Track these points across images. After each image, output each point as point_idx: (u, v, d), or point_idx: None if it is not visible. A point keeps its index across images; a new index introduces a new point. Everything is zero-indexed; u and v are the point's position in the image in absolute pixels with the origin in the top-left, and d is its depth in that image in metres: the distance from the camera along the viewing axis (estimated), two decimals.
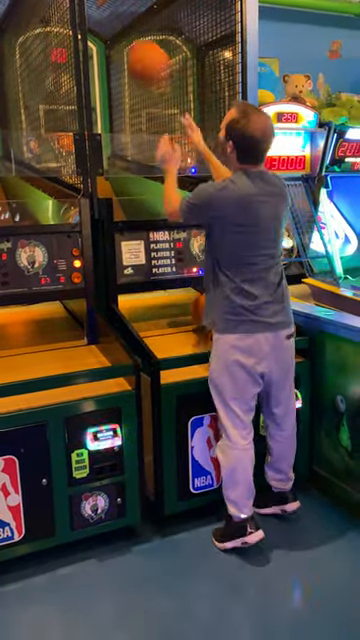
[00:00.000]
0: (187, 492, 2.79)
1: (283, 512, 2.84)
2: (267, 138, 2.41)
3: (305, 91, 4.86)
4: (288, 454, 2.79)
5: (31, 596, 2.43)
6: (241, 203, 2.41)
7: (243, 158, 2.43)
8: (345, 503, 2.92)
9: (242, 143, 2.39)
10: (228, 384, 2.51)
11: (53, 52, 3.21)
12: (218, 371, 2.54)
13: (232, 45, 3.22)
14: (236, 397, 2.52)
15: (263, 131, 2.38)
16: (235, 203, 2.41)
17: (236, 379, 2.50)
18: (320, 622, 2.28)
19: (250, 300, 2.45)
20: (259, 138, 2.38)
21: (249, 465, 2.59)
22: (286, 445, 2.77)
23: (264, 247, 2.47)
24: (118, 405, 2.55)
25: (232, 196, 2.41)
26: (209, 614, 2.34)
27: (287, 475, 2.81)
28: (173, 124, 3.81)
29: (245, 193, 2.41)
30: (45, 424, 2.42)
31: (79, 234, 2.88)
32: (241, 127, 2.37)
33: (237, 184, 2.42)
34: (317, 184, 4.97)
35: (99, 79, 4.30)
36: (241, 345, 2.46)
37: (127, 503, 2.64)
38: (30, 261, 2.78)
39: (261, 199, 2.43)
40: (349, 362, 2.83)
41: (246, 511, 2.60)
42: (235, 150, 2.42)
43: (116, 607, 2.37)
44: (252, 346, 2.46)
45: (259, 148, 2.42)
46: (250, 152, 2.42)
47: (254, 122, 2.36)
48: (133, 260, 3.07)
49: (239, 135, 2.38)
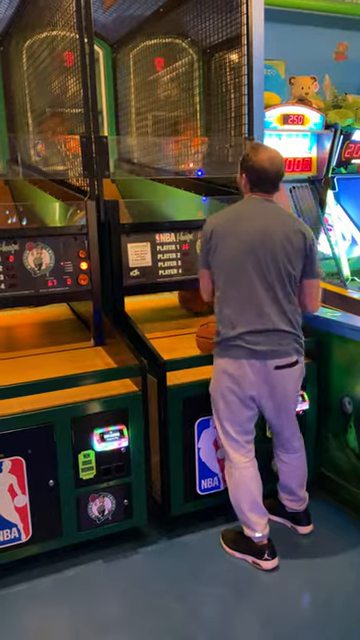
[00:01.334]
0: (194, 493, 2.79)
1: (294, 530, 2.82)
2: (274, 166, 2.49)
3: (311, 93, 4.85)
4: (297, 475, 2.75)
5: (38, 597, 2.43)
6: (230, 219, 2.52)
7: (252, 187, 2.55)
8: (353, 505, 2.91)
9: (251, 173, 2.51)
10: (222, 407, 2.54)
11: (60, 56, 3.23)
12: (213, 392, 2.58)
13: (238, 47, 3.23)
14: (229, 418, 2.54)
15: (270, 161, 2.48)
16: (224, 220, 2.53)
17: (228, 402, 2.52)
18: (327, 626, 2.27)
19: (234, 327, 2.44)
20: (266, 166, 2.47)
21: (252, 483, 2.57)
22: (293, 467, 2.74)
23: (255, 273, 2.41)
24: (125, 406, 2.56)
25: (223, 215, 2.56)
26: (215, 616, 2.34)
27: (298, 496, 2.78)
28: (179, 126, 3.83)
29: (237, 211, 2.55)
30: (52, 425, 2.43)
31: (86, 236, 2.89)
32: (250, 158, 2.51)
33: (235, 205, 2.58)
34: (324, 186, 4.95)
35: (105, 82, 4.32)
36: (229, 369, 2.48)
37: (134, 504, 2.64)
38: (37, 263, 2.79)
39: (253, 218, 2.48)
40: (356, 364, 2.82)
41: (259, 530, 2.57)
42: (246, 181, 2.54)
43: (122, 608, 2.37)
44: (238, 371, 2.46)
45: (267, 176, 2.49)
46: (258, 180, 2.51)
47: (262, 153, 2.50)
48: (139, 262, 3.08)
49: (248, 166, 2.51)
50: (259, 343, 2.43)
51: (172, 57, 3.88)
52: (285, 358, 2.48)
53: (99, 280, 2.95)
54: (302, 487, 2.78)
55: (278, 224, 2.48)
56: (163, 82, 3.98)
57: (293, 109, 4.57)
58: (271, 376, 2.47)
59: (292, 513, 2.81)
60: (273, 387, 2.50)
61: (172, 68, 3.89)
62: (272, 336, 2.45)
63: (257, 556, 2.57)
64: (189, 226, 3.17)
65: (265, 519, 2.60)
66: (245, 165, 2.53)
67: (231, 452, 2.56)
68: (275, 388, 2.50)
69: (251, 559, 2.59)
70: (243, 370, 2.45)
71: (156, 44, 3.96)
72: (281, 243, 2.43)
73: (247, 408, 2.53)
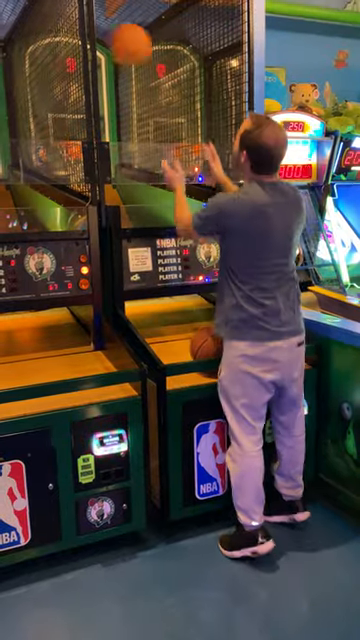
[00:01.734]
0: (192, 498, 2.79)
1: (292, 521, 2.83)
2: (280, 148, 2.42)
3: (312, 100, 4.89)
4: (298, 460, 2.78)
5: (37, 600, 2.43)
6: (253, 212, 2.42)
7: (256, 168, 2.45)
8: (351, 511, 2.91)
9: (255, 153, 2.41)
10: (238, 391, 2.52)
11: (62, 62, 3.25)
12: (228, 379, 2.55)
13: (239, 55, 3.25)
14: (246, 404, 2.53)
15: (276, 140, 2.39)
16: (247, 212, 2.42)
17: (246, 386, 2.50)
18: (325, 630, 2.28)
19: (260, 308, 2.45)
20: (272, 147, 2.38)
21: (259, 472, 2.60)
22: (295, 450, 2.76)
23: (276, 256, 2.48)
24: (124, 411, 2.56)
25: (244, 205, 2.43)
26: (214, 620, 2.34)
27: (297, 482, 2.80)
28: (180, 133, 3.85)
29: (257, 202, 2.43)
30: (51, 429, 2.43)
31: (87, 241, 2.91)
32: (254, 137, 2.38)
33: (249, 194, 2.45)
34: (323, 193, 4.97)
35: (107, 88, 4.35)
36: (251, 353, 2.47)
37: (133, 509, 2.64)
38: (38, 267, 2.81)
39: (274, 209, 2.44)
40: (355, 369, 2.83)
41: (257, 519, 2.60)
42: (248, 160, 2.44)
43: (121, 612, 2.37)
44: (262, 354, 2.47)
45: (272, 157, 2.42)
46: (263, 162, 2.43)
47: (267, 132, 2.38)
48: (140, 267, 3.09)
49: (252, 145, 2.40)
50: (282, 323, 2.47)
51: (174, 64, 3.90)
52: (302, 335, 2.59)
53: (100, 285, 2.97)
54: (301, 472, 2.80)
55: (295, 214, 2.52)
56: (164, 89, 4.00)
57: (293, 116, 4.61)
58: (293, 354, 2.53)
59: (289, 502, 2.82)
60: (292, 365, 2.55)
61: (173, 75, 3.91)
62: (291, 314, 2.51)
63: (252, 544, 2.58)
64: None
65: (262, 508, 2.63)
66: (247, 142, 2.40)
67: (244, 439, 2.55)
68: (296, 365, 2.58)
69: (250, 551, 2.59)
70: (268, 353, 2.47)
71: (158, 51, 3.98)
72: (296, 229, 2.53)
73: (267, 391, 2.54)
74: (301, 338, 2.59)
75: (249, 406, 2.54)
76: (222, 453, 2.79)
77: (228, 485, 2.79)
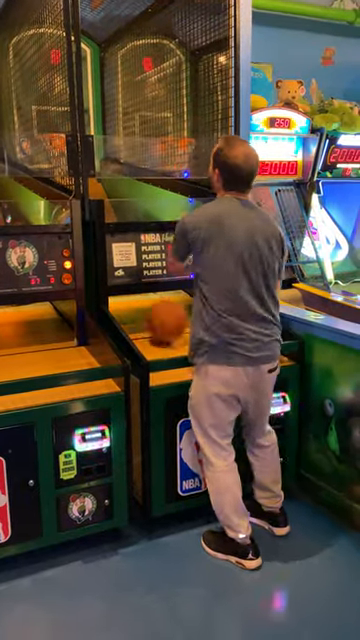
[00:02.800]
0: (175, 494, 2.79)
1: (271, 531, 2.83)
2: (250, 165, 2.43)
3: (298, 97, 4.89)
4: (270, 470, 2.76)
5: (17, 597, 2.41)
6: (212, 218, 2.41)
7: (227, 185, 2.47)
8: (333, 507, 2.92)
9: (225, 170, 2.44)
10: (206, 413, 2.52)
11: (46, 53, 3.21)
12: (197, 400, 2.54)
13: (225, 50, 3.23)
14: (214, 424, 2.53)
15: (245, 158, 2.41)
16: (205, 220, 2.41)
17: (214, 409, 2.50)
18: (306, 626, 2.28)
19: (230, 332, 2.41)
20: (242, 163, 2.40)
21: (234, 485, 2.58)
22: (265, 461, 2.75)
23: (245, 276, 2.40)
24: (107, 407, 2.55)
25: (203, 215, 2.45)
26: (195, 617, 2.34)
27: (274, 492, 2.79)
28: (166, 127, 3.83)
29: (217, 211, 2.44)
30: (33, 425, 2.41)
31: (70, 235, 2.88)
32: (224, 154, 2.42)
33: (212, 205, 2.49)
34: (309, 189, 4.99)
35: (92, 82, 4.30)
36: (220, 376, 2.45)
37: (114, 505, 2.63)
38: (20, 261, 2.77)
39: (236, 217, 2.41)
40: (338, 366, 2.84)
41: (243, 531, 2.58)
42: (220, 178, 2.47)
43: (102, 609, 2.36)
44: (231, 378, 2.45)
45: (242, 175, 2.43)
46: (233, 179, 2.45)
47: (236, 149, 2.42)
48: (124, 262, 3.07)
49: (222, 162, 2.43)
50: (254, 349, 2.43)
51: (160, 58, 3.87)
52: (274, 362, 2.54)
53: (83, 280, 2.94)
54: (277, 483, 2.79)
55: (260, 226, 2.46)
56: (150, 82, 3.97)
57: (280, 112, 4.61)
58: (262, 380, 2.51)
59: (269, 512, 2.82)
60: (262, 390, 2.54)
61: (160, 69, 3.88)
62: (264, 341, 2.46)
63: (241, 556, 2.58)
64: (173, 227, 3.15)
65: (247, 519, 2.61)
66: (218, 160, 2.44)
67: (213, 457, 2.56)
68: (263, 390, 2.56)
69: (235, 559, 2.60)
70: (238, 376, 2.44)
71: (144, 44, 3.96)
72: (266, 246, 2.44)
73: (233, 411, 2.54)
74: (274, 365, 2.54)
75: (217, 426, 2.53)
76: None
77: None
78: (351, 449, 2.78)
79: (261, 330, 2.45)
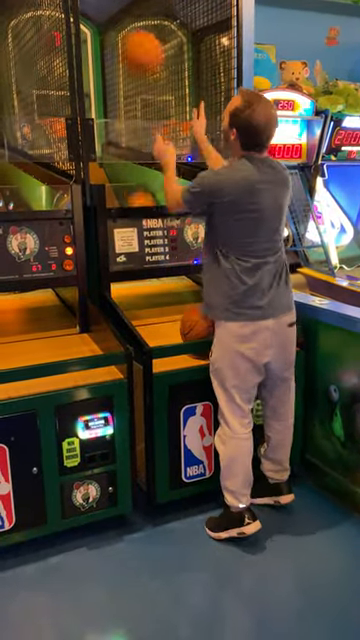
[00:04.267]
0: (179, 481, 2.78)
1: (277, 503, 2.83)
2: (271, 126, 2.40)
3: (302, 78, 4.79)
4: (285, 444, 2.78)
5: (22, 584, 2.42)
6: (242, 188, 2.38)
7: (246, 146, 2.42)
8: (338, 493, 2.92)
9: (245, 132, 2.38)
10: (230, 373, 2.50)
11: (46, 36, 3.16)
12: (220, 360, 2.52)
13: (228, 30, 3.18)
14: (238, 386, 2.51)
15: (267, 119, 2.37)
16: (236, 187, 2.38)
17: (238, 368, 2.48)
18: (312, 610, 2.28)
19: (251, 287, 2.42)
20: (263, 127, 2.36)
21: (248, 454, 2.59)
22: (283, 435, 2.76)
23: (266, 234, 2.44)
24: (110, 394, 2.53)
25: (233, 180, 2.39)
26: (201, 602, 2.34)
27: (283, 466, 2.80)
28: (168, 110, 3.77)
29: (247, 178, 2.38)
30: (35, 412, 2.40)
31: (71, 221, 2.85)
32: (245, 116, 2.34)
33: (239, 169, 2.41)
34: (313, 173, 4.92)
35: (93, 65, 4.24)
36: (243, 333, 2.44)
37: (119, 492, 2.63)
38: (21, 248, 2.75)
39: (264, 185, 2.40)
40: (343, 352, 2.81)
41: (244, 500, 2.59)
42: (238, 138, 2.41)
43: (107, 595, 2.36)
44: (254, 334, 2.44)
45: (263, 136, 2.40)
46: (254, 140, 2.40)
47: (259, 111, 2.34)
48: (126, 248, 3.04)
49: (243, 124, 2.36)
50: (272, 301, 2.45)
51: (161, 39, 3.80)
52: (292, 313, 2.57)
53: (84, 266, 2.91)
54: (287, 457, 2.81)
55: (280, 185, 2.48)
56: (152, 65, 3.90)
57: (283, 94, 4.53)
58: (284, 333, 2.52)
59: (275, 485, 2.82)
60: (285, 346, 2.55)
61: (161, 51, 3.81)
62: (281, 293, 2.49)
63: (239, 524, 2.58)
64: None
65: (249, 490, 2.63)
66: (237, 121, 2.36)
67: (234, 421, 2.54)
68: (286, 346, 2.57)
69: (235, 531, 2.59)
70: (260, 331, 2.44)
71: (145, 26, 3.89)
72: (284, 202, 2.50)
73: (258, 373, 2.53)
74: (292, 318, 2.58)
75: (240, 388, 2.52)
76: (209, 435, 2.77)
77: (215, 467, 2.78)
78: (356, 435, 2.77)
79: (278, 282, 2.49)
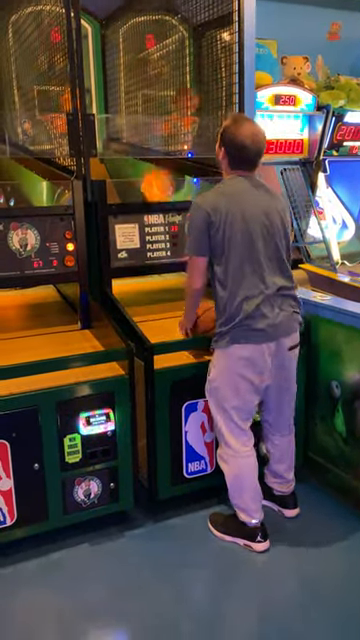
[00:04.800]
0: (181, 477, 2.78)
1: (280, 513, 2.82)
2: (256, 145, 2.40)
3: (303, 73, 4.78)
4: (285, 458, 2.76)
5: (23, 580, 2.42)
6: (229, 201, 2.38)
7: (233, 164, 2.45)
8: (340, 489, 2.91)
9: (232, 148, 2.41)
10: (230, 394, 2.48)
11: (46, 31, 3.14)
12: (219, 381, 2.50)
13: (229, 25, 3.16)
14: (237, 407, 2.50)
15: (252, 137, 2.38)
16: (224, 201, 2.38)
17: (238, 390, 2.47)
18: (314, 606, 2.28)
19: (248, 310, 2.38)
20: (249, 142, 2.38)
21: (253, 471, 2.57)
22: (285, 449, 2.74)
23: (261, 253, 2.39)
24: (111, 390, 2.53)
25: (218, 196, 2.41)
26: (202, 598, 2.35)
27: (286, 479, 2.79)
28: (169, 105, 3.76)
29: (231, 191, 2.41)
30: (37, 408, 2.40)
31: (72, 217, 2.84)
32: (231, 133, 2.40)
33: (221, 186, 2.45)
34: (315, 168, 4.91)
35: (94, 60, 4.23)
36: (242, 355, 2.42)
37: (120, 488, 2.63)
38: (22, 244, 2.74)
39: (250, 198, 2.41)
40: (344, 347, 2.80)
41: (257, 516, 2.58)
42: (226, 156, 2.44)
43: (108, 591, 2.36)
44: (253, 356, 2.42)
45: (248, 154, 2.41)
46: (240, 158, 2.42)
47: (243, 128, 2.40)
48: (127, 244, 3.04)
49: (229, 140, 2.41)
50: (275, 324, 2.42)
51: (162, 34, 3.80)
52: (294, 335, 2.53)
53: (86, 262, 2.91)
54: (291, 470, 2.79)
55: (272, 202, 2.47)
56: (153, 60, 3.90)
57: (285, 89, 4.52)
58: (284, 357, 2.49)
59: (279, 496, 2.82)
60: (284, 368, 2.52)
61: (162, 46, 3.81)
62: (284, 316, 2.45)
63: (249, 539, 2.57)
64: (178, 207, 3.13)
65: (261, 504, 2.61)
66: (224, 139, 2.42)
67: (234, 441, 2.53)
68: (285, 369, 2.54)
69: (242, 542, 2.59)
70: (260, 354, 2.42)
71: (146, 21, 3.88)
72: (278, 221, 2.46)
73: (257, 394, 2.52)
74: (294, 341, 2.53)
75: (240, 408, 2.50)
76: (210, 432, 2.77)
77: (217, 463, 2.78)
78: (357, 431, 2.76)
79: (278, 304, 2.45)
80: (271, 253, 2.43)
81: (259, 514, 2.58)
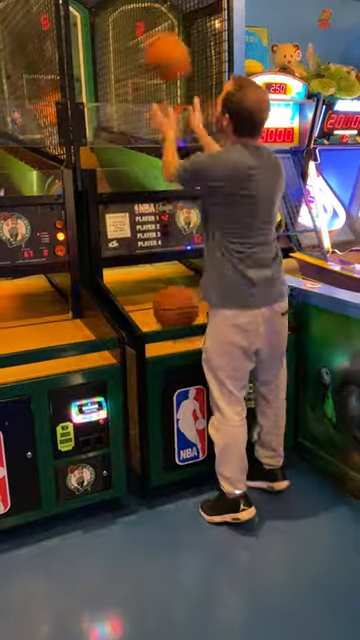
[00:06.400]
0: (173, 464, 2.80)
1: (271, 489, 2.85)
2: (263, 111, 2.38)
3: (294, 61, 4.76)
4: (278, 430, 2.79)
5: (18, 567, 2.44)
6: (237, 173, 2.36)
7: (239, 131, 2.41)
8: (330, 474, 2.95)
9: (238, 116, 2.37)
10: (224, 362, 2.50)
11: (34, 19, 3.12)
12: (214, 350, 2.52)
13: (219, 13, 3.15)
14: (231, 375, 2.52)
15: (259, 104, 2.35)
16: (231, 173, 2.36)
17: (232, 358, 2.49)
18: (306, 590, 2.32)
19: (246, 274, 2.41)
20: (255, 111, 2.35)
21: (242, 441, 2.60)
22: (275, 422, 2.77)
23: (260, 221, 2.44)
24: (103, 378, 2.54)
25: (229, 167, 2.37)
26: (195, 583, 2.38)
27: (277, 452, 2.82)
28: (159, 94, 3.75)
29: (239, 162, 2.37)
30: (29, 397, 2.41)
31: (62, 206, 2.84)
32: (237, 100, 2.34)
33: (234, 155, 2.40)
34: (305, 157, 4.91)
35: (83, 48, 4.20)
36: (237, 322, 2.44)
37: (113, 475, 2.65)
38: (13, 234, 2.74)
39: (257, 171, 2.39)
40: (334, 334, 2.83)
41: (240, 487, 2.61)
42: (231, 123, 2.40)
43: (102, 578, 2.39)
44: (248, 322, 2.44)
45: (255, 121, 2.38)
46: (246, 125, 2.39)
47: (250, 95, 2.33)
48: (118, 233, 3.04)
49: (235, 108, 2.35)
50: (268, 289, 2.46)
51: (152, 22, 3.77)
52: (284, 301, 2.57)
53: (76, 251, 2.91)
54: (281, 444, 2.83)
55: (274, 172, 2.49)
56: (143, 48, 3.87)
57: (275, 78, 4.51)
58: (277, 321, 2.53)
59: (269, 471, 2.85)
60: (277, 334, 2.55)
61: (151, 34, 3.78)
62: (273, 280, 2.49)
63: (234, 510, 2.60)
64: (168, 196, 3.13)
65: (245, 476, 2.65)
66: (229, 106, 2.36)
67: (227, 409, 2.55)
68: (278, 335, 2.57)
69: (230, 517, 2.62)
70: (255, 320, 2.45)
71: (135, 8, 3.85)
72: (279, 188, 2.50)
73: (250, 361, 2.54)
74: (284, 306, 2.58)
75: (233, 377, 2.53)
76: (202, 419, 2.80)
77: (208, 450, 2.81)
78: (347, 417, 2.79)
79: (270, 270, 2.48)
80: (266, 221, 2.46)
81: (242, 485, 2.62)
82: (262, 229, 2.46)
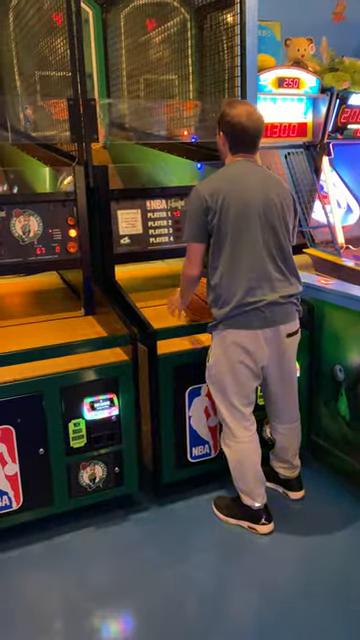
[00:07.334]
0: (185, 461, 2.80)
1: (285, 495, 2.84)
2: (253, 123, 2.38)
3: (307, 55, 4.71)
4: (290, 445, 2.76)
5: (30, 563, 2.46)
6: (228, 185, 2.36)
7: (233, 148, 2.44)
8: (343, 472, 2.93)
9: (229, 131, 2.40)
10: (230, 382, 2.48)
11: (46, 15, 3.12)
12: (218, 369, 2.49)
13: (231, 7, 3.13)
14: (237, 393, 2.50)
15: (249, 115, 2.37)
16: (222, 186, 2.36)
17: (237, 376, 2.46)
18: (318, 588, 2.31)
19: (245, 295, 2.36)
20: (244, 122, 2.37)
21: (255, 455, 2.58)
22: (288, 437, 2.75)
23: (257, 239, 2.36)
24: (115, 375, 2.54)
25: (219, 182, 2.39)
26: (207, 581, 2.37)
27: (291, 464, 2.80)
28: (172, 90, 3.73)
29: (228, 173, 2.41)
30: (41, 394, 2.41)
31: (74, 203, 2.83)
32: (226, 114, 2.40)
33: (220, 171, 2.44)
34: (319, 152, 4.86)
35: (95, 45, 4.19)
36: (241, 341, 2.41)
37: (125, 472, 2.65)
38: (25, 230, 2.74)
39: (250, 184, 2.38)
40: (348, 331, 2.80)
41: (260, 500, 2.60)
42: (226, 141, 2.44)
43: (114, 574, 2.40)
44: (249, 342, 2.41)
45: (246, 134, 2.39)
46: (238, 139, 2.41)
47: (240, 108, 2.39)
48: (130, 229, 3.03)
49: (226, 124, 2.41)
50: (272, 310, 2.40)
51: (164, 17, 3.75)
52: (293, 323, 2.50)
53: (88, 248, 2.91)
54: (296, 455, 2.80)
55: (274, 185, 2.45)
56: (154, 43, 3.86)
57: (288, 72, 4.45)
58: (282, 343, 2.47)
59: (284, 479, 2.83)
60: (283, 355, 2.50)
61: (163, 29, 3.77)
62: (281, 303, 2.42)
63: (253, 521, 2.60)
64: (180, 192, 3.12)
65: (264, 487, 2.62)
66: (222, 122, 2.42)
67: (235, 427, 2.53)
68: (284, 356, 2.51)
69: (247, 524, 2.61)
70: (257, 341, 2.41)
71: (147, 3, 3.84)
72: (280, 205, 2.42)
73: (256, 379, 2.52)
74: (292, 327, 2.50)
75: (240, 394, 2.51)
76: (214, 416, 2.78)
77: (220, 447, 2.79)
78: None
79: (277, 291, 2.41)
80: (268, 238, 2.39)
81: (262, 498, 2.60)
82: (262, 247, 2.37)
